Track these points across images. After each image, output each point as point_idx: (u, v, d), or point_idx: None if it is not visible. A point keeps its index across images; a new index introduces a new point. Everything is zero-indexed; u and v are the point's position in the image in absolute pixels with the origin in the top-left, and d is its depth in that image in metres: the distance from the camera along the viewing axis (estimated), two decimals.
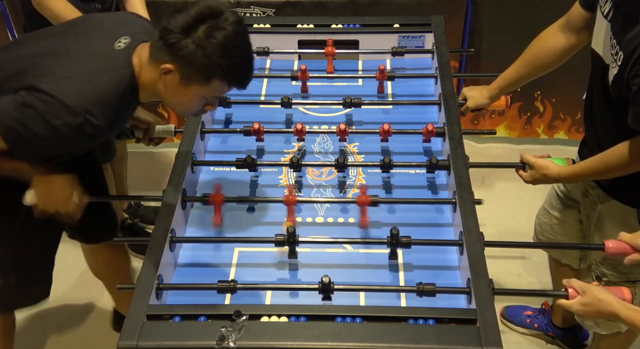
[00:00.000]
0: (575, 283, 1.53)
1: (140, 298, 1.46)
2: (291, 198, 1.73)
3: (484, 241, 1.59)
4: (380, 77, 2.13)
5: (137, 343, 1.37)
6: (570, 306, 1.51)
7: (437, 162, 1.82)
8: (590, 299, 1.48)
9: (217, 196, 1.75)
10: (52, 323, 2.64)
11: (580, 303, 1.49)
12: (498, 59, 3.18)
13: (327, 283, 1.50)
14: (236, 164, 1.85)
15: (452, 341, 1.36)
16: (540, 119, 3.42)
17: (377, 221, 1.76)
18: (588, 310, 1.49)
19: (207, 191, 1.86)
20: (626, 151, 1.67)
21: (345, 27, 2.32)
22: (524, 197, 3.04)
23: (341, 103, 2.03)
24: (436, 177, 1.88)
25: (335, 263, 1.66)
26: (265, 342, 1.36)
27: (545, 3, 3.03)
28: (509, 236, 2.46)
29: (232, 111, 2.12)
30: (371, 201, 1.72)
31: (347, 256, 1.68)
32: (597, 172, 1.78)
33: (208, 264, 1.67)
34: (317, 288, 1.52)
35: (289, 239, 1.61)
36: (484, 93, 2.11)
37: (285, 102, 2.04)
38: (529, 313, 2.55)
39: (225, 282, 1.53)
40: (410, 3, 2.97)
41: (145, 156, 3.44)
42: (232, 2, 2.98)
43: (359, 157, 1.96)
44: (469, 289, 1.50)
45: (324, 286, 1.50)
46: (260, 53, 2.26)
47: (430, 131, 1.92)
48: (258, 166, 1.87)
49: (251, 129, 1.93)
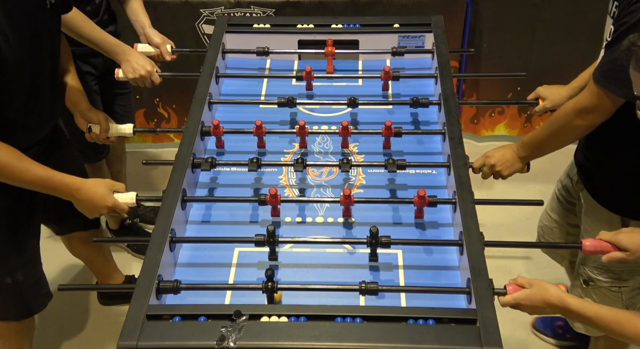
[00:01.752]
0: (521, 279, 1.52)
1: (140, 298, 1.46)
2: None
3: (484, 241, 1.59)
4: (385, 78, 2.13)
5: (137, 343, 1.37)
6: (515, 299, 1.48)
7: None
8: (536, 289, 1.47)
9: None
10: (52, 323, 2.64)
11: (525, 294, 1.48)
12: (498, 59, 3.19)
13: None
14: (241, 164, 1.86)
15: (452, 341, 1.36)
16: (540, 118, 3.42)
17: (377, 221, 1.76)
18: (534, 301, 1.47)
19: (207, 191, 1.86)
20: (567, 107, 1.70)
21: (345, 27, 2.32)
22: (524, 197, 3.04)
23: (345, 103, 2.03)
24: (436, 177, 1.88)
25: (335, 262, 1.66)
26: (265, 342, 1.36)
27: (545, 3, 3.04)
28: (509, 236, 2.46)
29: (232, 111, 2.11)
30: (429, 202, 1.72)
31: (347, 256, 1.68)
32: (541, 138, 1.81)
33: (208, 264, 1.67)
34: (317, 288, 1.52)
35: (268, 240, 1.61)
36: (563, 92, 2.08)
37: (285, 102, 2.04)
38: (561, 324, 2.50)
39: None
40: (410, 3, 2.97)
41: (145, 156, 3.45)
42: (232, 2, 2.99)
43: (359, 157, 1.96)
44: (469, 289, 1.50)
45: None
46: (261, 53, 2.26)
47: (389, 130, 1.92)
48: (262, 166, 1.87)
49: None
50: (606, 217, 1.84)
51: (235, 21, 2.41)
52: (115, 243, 2.96)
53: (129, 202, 1.83)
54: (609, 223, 1.82)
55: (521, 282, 1.52)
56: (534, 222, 2.34)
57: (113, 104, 2.64)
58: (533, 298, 1.47)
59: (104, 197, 1.79)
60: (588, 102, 1.67)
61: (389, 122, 1.91)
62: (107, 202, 1.79)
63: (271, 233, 1.61)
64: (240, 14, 3.01)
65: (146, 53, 2.35)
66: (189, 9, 3.02)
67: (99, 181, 1.82)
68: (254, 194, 1.85)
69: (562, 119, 1.75)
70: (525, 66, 3.13)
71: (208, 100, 2.03)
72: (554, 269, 2.53)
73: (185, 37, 3.08)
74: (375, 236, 1.60)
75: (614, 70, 1.55)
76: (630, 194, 1.78)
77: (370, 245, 1.62)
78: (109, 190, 1.81)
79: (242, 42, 2.31)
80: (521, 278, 1.54)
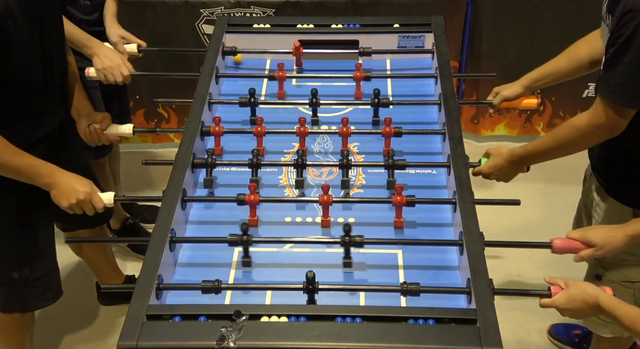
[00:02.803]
0: (559, 279, 1.52)
1: (140, 298, 1.46)
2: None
3: (484, 241, 1.59)
4: (357, 78, 2.11)
5: (137, 343, 1.37)
6: (555, 301, 1.49)
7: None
8: (575, 290, 1.46)
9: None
10: (52, 323, 2.64)
11: (565, 296, 1.47)
12: (498, 59, 3.19)
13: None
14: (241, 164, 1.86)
15: (452, 341, 1.36)
16: (540, 118, 3.42)
17: (377, 221, 1.76)
18: (574, 301, 1.46)
19: (207, 192, 1.86)
20: (576, 122, 1.70)
21: (345, 27, 2.32)
22: (524, 198, 3.02)
23: (345, 103, 2.03)
24: (436, 177, 1.88)
25: (334, 262, 1.66)
26: (265, 342, 1.36)
27: (545, 3, 3.04)
28: (509, 236, 2.47)
29: (232, 110, 2.11)
30: (407, 201, 1.71)
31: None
32: (548, 148, 1.80)
33: (208, 264, 1.67)
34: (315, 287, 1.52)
35: (241, 239, 1.62)
36: (517, 83, 2.10)
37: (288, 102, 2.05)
38: (578, 332, 2.48)
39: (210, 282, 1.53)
40: (410, 3, 2.98)
41: (145, 156, 3.45)
42: (232, 2, 2.99)
43: (359, 157, 1.96)
44: (469, 289, 1.50)
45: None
46: (261, 53, 2.26)
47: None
48: (261, 166, 1.87)
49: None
50: (617, 209, 1.84)
51: (235, 21, 2.42)
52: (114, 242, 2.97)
53: (107, 200, 1.85)
54: (620, 215, 1.82)
55: (558, 282, 1.51)
56: (534, 222, 2.34)
57: (111, 102, 2.64)
58: (573, 301, 1.46)
59: (84, 184, 1.81)
60: (605, 120, 1.65)
61: (389, 119, 1.92)
62: (86, 187, 1.81)
63: (244, 231, 1.61)
64: (240, 14, 3.01)
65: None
66: (189, 9, 3.02)
67: (80, 176, 1.86)
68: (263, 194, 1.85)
69: (575, 134, 1.73)
70: (525, 66, 3.12)
71: (208, 100, 2.03)
72: (555, 269, 2.52)
73: (185, 37, 3.08)
74: (348, 233, 1.60)
75: (630, 85, 1.56)
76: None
77: (344, 244, 1.62)
78: (90, 183, 1.84)
79: (242, 42, 2.31)
80: (558, 278, 1.52)
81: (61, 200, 1.81)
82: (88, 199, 1.81)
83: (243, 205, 1.74)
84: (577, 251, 1.63)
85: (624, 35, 1.54)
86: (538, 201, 2.96)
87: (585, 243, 1.61)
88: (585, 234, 1.61)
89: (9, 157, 1.75)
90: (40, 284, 2.08)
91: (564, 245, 1.63)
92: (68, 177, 1.82)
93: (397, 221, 1.73)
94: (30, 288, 2.06)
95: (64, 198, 1.81)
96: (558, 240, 1.63)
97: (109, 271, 2.60)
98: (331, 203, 1.73)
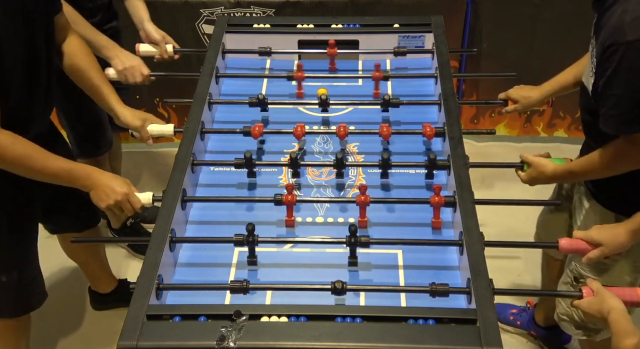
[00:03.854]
0: (594, 284, 1.52)
1: (140, 298, 1.46)
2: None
3: (484, 241, 1.59)
4: (377, 77, 2.12)
5: (137, 343, 1.37)
6: (580, 304, 1.50)
7: (436, 160, 1.81)
8: (597, 298, 1.47)
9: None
10: (52, 323, 2.63)
11: (587, 301, 1.48)
12: (498, 59, 3.19)
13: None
14: (235, 164, 1.86)
15: (452, 341, 1.36)
16: (540, 118, 3.42)
17: (377, 221, 1.76)
18: (592, 308, 1.47)
19: (207, 191, 1.86)
20: (609, 152, 1.69)
21: (345, 27, 2.32)
22: (524, 197, 3.03)
23: (344, 103, 2.03)
24: (436, 177, 1.88)
25: (335, 262, 1.66)
26: (265, 342, 1.36)
27: (545, 3, 3.04)
28: (509, 236, 2.47)
29: (232, 110, 2.11)
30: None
31: (346, 255, 1.68)
32: (587, 171, 1.79)
33: (208, 264, 1.67)
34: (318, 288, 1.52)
35: (247, 239, 1.62)
36: (534, 95, 2.09)
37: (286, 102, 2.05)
38: (514, 311, 2.57)
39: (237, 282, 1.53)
40: (410, 3, 2.98)
41: (145, 155, 3.45)
42: (232, 2, 2.99)
43: (359, 157, 1.96)
44: (469, 289, 1.50)
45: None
46: (261, 53, 2.26)
47: (430, 131, 1.92)
48: (257, 166, 1.87)
49: (251, 129, 1.94)
50: (601, 213, 1.84)
51: (235, 21, 2.42)
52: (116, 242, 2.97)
53: (145, 200, 1.82)
54: (602, 220, 1.83)
55: (590, 286, 1.51)
56: (534, 222, 2.34)
57: None
58: (591, 307, 1.47)
59: (122, 184, 1.80)
60: (625, 151, 1.66)
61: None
62: (123, 188, 1.79)
63: (250, 232, 1.61)
64: (240, 14, 3.01)
65: (149, 53, 2.36)
66: (189, 9, 3.02)
67: (118, 176, 1.85)
68: (251, 193, 1.85)
69: (608, 163, 1.72)
70: (525, 66, 3.13)
71: (208, 100, 2.03)
72: None
73: (185, 37, 3.08)
74: (354, 235, 1.60)
75: (628, 115, 1.57)
76: (631, 194, 1.78)
77: (349, 245, 1.62)
78: (127, 183, 1.83)
79: (242, 42, 2.31)
80: (595, 282, 1.52)
81: (99, 201, 1.79)
82: (126, 199, 1.79)
83: (280, 205, 1.74)
84: (583, 251, 1.63)
85: (610, 69, 1.56)
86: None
87: (590, 243, 1.61)
88: (589, 234, 1.62)
89: (46, 164, 1.74)
90: (29, 287, 2.07)
91: (571, 245, 1.64)
92: (106, 178, 1.80)
93: (435, 221, 1.73)
94: (19, 291, 2.05)
95: (102, 200, 1.79)
96: (564, 240, 1.64)
97: (102, 275, 2.60)
98: (369, 203, 1.72)
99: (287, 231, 1.74)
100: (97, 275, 2.59)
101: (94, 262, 2.55)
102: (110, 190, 1.78)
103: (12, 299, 2.05)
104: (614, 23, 1.55)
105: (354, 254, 1.64)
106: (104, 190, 1.78)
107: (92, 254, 2.52)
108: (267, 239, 1.68)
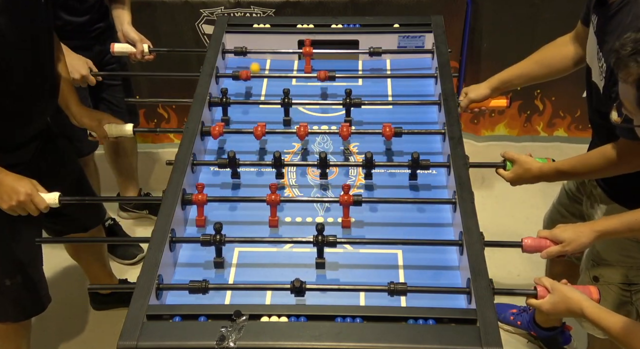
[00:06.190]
0: (545, 280, 1.54)
1: (140, 298, 1.46)
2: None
3: (484, 241, 1.59)
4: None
5: (137, 343, 1.37)
6: (540, 305, 1.52)
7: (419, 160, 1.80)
8: (559, 298, 1.49)
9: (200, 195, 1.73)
10: (52, 323, 2.63)
11: (549, 302, 1.50)
12: (498, 59, 3.18)
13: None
14: (218, 164, 1.86)
15: (452, 341, 1.36)
16: (540, 117, 3.42)
17: (377, 221, 1.76)
18: (558, 308, 1.49)
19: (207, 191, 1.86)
20: (608, 154, 1.68)
21: (345, 27, 2.32)
22: (524, 197, 3.04)
23: (340, 103, 2.03)
24: (436, 177, 1.88)
25: (334, 262, 1.66)
26: (265, 342, 1.36)
27: (545, 3, 3.04)
28: (509, 236, 2.47)
29: (232, 110, 2.11)
30: (353, 201, 1.71)
31: (346, 255, 1.68)
32: (579, 172, 1.79)
33: (208, 264, 1.67)
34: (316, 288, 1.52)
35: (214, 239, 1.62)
36: (484, 85, 2.12)
37: (286, 102, 2.04)
38: (514, 311, 2.57)
39: (197, 282, 1.53)
40: (410, 3, 2.98)
41: (145, 155, 3.45)
42: (232, 2, 2.99)
43: (359, 157, 1.96)
44: (469, 289, 1.50)
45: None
46: (261, 53, 2.26)
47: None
48: (240, 166, 1.86)
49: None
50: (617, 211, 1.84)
51: (235, 21, 2.42)
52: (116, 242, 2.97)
53: (50, 200, 1.78)
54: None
55: (544, 284, 1.53)
56: (534, 222, 2.34)
57: (101, 97, 2.64)
58: (557, 308, 1.49)
59: (25, 185, 1.75)
60: (633, 155, 1.66)
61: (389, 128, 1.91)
62: (26, 188, 1.74)
63: (217, 231, 1.61)
64: (240, 14, 3.01)
65: (123, 52, 2.41)
66: (189, 9, 3.02)
67: (22, 177, 1.80)
68: (251, 193, 1.85)
69: (606, 165, 1.72)
70: None
71: (208, 100, 2.03)
72: None
73: (185, 37, 3.08)
74: (321, 233, 1.60)
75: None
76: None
77: (317, 244, 1.61)
78: (32, 183, 1.78)
79: (242, 42, 2.31)
80: (545, 278, 1.55)
81: (1, 202, 1.75)
82: (29, 200, 1.74)
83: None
84: (545, 249, 1.64)
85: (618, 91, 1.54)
86: (538, 201, 2.96)
87: (553, 241, 1.62)
88: (553, 232, 1.64)
89: None
90: (33, 291, 2.07)
91: (534, 243, 1.64)
92: (10, 178, 1.75)
93: (345, 220, 1.73)
94: (23, 296, 2.05)
95: (4, 200, 1.74)
96: (528, 239, 1.64)
97: (103, 276, 2.60)
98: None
99: (271, 232, 1.74)
100: (98, 275, 2.59)
101: (95, 262, 2.55)
102: (12, 190, 1.74)
103: (15, 303, 2.05)
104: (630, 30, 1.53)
105: (321, 255, 1.62)
106: (5, 191, 1.74)
107: (94, 254, 2.52)
108: (236, 239, 1.66)
